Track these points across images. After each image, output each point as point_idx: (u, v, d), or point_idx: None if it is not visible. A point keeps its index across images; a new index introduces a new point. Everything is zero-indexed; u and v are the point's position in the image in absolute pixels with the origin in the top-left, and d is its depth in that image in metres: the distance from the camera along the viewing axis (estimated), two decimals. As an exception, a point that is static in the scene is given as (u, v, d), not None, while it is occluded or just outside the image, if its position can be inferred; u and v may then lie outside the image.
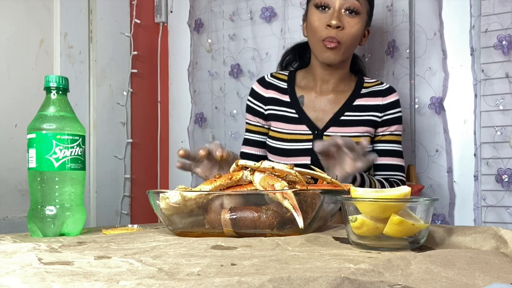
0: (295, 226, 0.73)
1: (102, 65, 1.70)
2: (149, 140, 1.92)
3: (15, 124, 1.41)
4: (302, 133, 1.30)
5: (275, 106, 1.35)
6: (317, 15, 1.23)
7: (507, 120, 1.41)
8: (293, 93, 1.35)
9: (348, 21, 1.22)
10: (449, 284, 0.49)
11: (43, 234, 0.86)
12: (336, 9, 1.21)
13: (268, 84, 1.37)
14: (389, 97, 1.31)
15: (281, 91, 1.36)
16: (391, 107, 1.31)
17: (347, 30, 1.22)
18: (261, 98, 1.37)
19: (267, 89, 1.37)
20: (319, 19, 1.23)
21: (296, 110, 1.32)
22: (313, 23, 1.24)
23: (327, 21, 1.21)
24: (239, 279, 0.45)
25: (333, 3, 1.22)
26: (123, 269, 0.53)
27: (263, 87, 1.37)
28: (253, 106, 1.38)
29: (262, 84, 1.38)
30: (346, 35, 1.22)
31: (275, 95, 1.36)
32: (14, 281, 0.48)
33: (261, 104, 1.37)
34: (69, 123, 0.89)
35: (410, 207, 0.66)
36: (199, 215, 0.81)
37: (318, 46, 1.25)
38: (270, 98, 1.36)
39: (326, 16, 1.22)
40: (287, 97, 1.34)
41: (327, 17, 1.22)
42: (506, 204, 1.40)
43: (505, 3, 1.40)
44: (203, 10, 1.89)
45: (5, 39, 1.40)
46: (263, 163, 0.81)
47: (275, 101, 1.35)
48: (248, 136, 1.40)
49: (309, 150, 1.28)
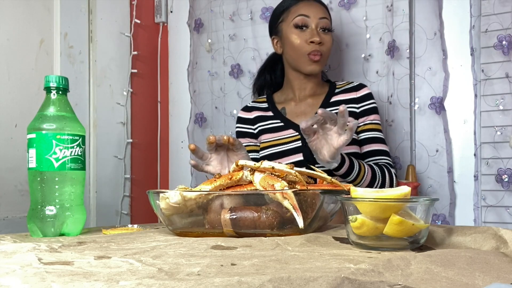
0: (295, 226, 0.73)
1: (102, 65, 1.70)
2: (149, 140, 1.92)
3: (15, 124, 1.41)
4: (289, 136, 1.40)
5: (262, 122, 1.46)
6: (297, 33, 1.37)
7: (507, 120, 1.41)
8: (274, 108, 1.47)
9: (323, 37, 1.36)
10: (449, 284, 0.49)
11: (43, 234, 0.86)
12: (313, 28, 1.36)
13: (250, 108, 1.51)
14: (361, 91, 1.41)
15: (263, 110, 1.48)
16: (365, 99, 1.40)
17: (326, 44, 1.37)
18: (248, 121, 1.49)
19: (251, 111, 1.50)
20: (300, 37, 1.36)
21: (280, 119, 1.44)
22: (294, 40, 1.37)
23: (309, 38, 1.35)
24: (239, 279, 0.45)
25: (311, 23, 1.36)
26: (123, 269, 0.53)
27: (247, 112, 1.51)
28: (243, 130, 1.50)
29: (246, 110, 1.52)
30: (326, 48, 1.37)
31: (259, 114, 1.48)
32: (14, 281, 0.48)
33: (249, 126, 1.49)
34: (69, 123, 0.89)
35: (410, 207, 0.66)
36: (199, 215, 0.81)
37: (303, 60, 1.37)
38: (256, 117, 1.48)
39: (306, 34, 1.36)
40: (270, 112, 1.47)
41: (307, 34, 1.35)
42: (506, 204, 1.40)
43: (505, 3, 1.40)
44: (203, 10, 1.89)
45: (5, 39, 1.40)
46: (263, 163, 0.81)
47: (261, 118, 1.47)
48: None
49: (299, 148, 1.36)
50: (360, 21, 1.62)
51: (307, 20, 1.36)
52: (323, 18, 1.37)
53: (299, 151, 1.36)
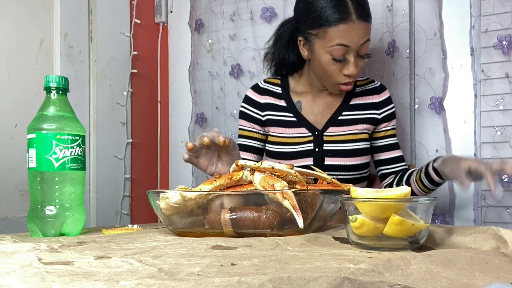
0: (295, 226, 0.73)
1: (102, 65, 1.70)
2: (149, 140, 1.92)
3: (15, 124, 1.41)
4: (302, 135, 1.32)
5: (272, 112, 1.36)
6: (332, 63, 1.20)
7: (507, 120, 1.41)
8: (288, 97, 1.36)
9: (360, 64, 1.22)
10: (449, 284, 0.49)
11: (43, 234, 0.86)
12: (352, 57, 1.19)
13: (262, 90, 1.38)
14: (382, 94, 1.36)
15: (276, 96, 1.37)
16: (386, 103, 1.36)
17: (359, 69, 1.22)
18: (257, 105, 1.38)
19: (262, 95, 1.38)
20: (335, 66, 1.20)
21: (293, 114, 1.34)
22: (327, 67, 1.21)
23: (345, 71, 1.20)
24: (239, 279, 0.45)
25: (350, 52, 1.18)
26: (123, 269, 0.53)
27: (258, 93, 1.38)
28: (248, 112, 1.38)
29: (257, 90, 1.39)
30: (358, 72, 1.23)
31: (271, 101, 1.37)
32: (14, 281, 0.48)
33: (257, 110, 1.38)
34: (69, 123, 0.89)
35: (410, 207, 0.66)
36: (199, 215, 0.81)
37: (331, 85, 1.26)
38: (266, 104, 1.37)
39: (342, 65, 1.20)
40: (283, 102, 1.36)
41: (344, 65, 1.20)
42: (506, 204, 1.40)
43: (505, 3, 1.40)
44: (204, 10, 1.89)
45: (5, 39, 1.40)
46: (263, 163, 0.81)
47: (271, 107, 1.36)
48: (241, 141, 1.40)
49: (311, 151, 1.31)
50: (360, 21, 1.62)
51: (346, 50, 1.18)
52: (365, 43, 1.18)
53: (311, 155, 1.30)
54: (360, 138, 1.32)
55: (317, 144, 1.31)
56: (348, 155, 1.30)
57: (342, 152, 1.30)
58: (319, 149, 1.31)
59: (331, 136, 1.31)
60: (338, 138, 1.31)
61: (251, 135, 1.39)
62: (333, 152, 1.30)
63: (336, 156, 1.30)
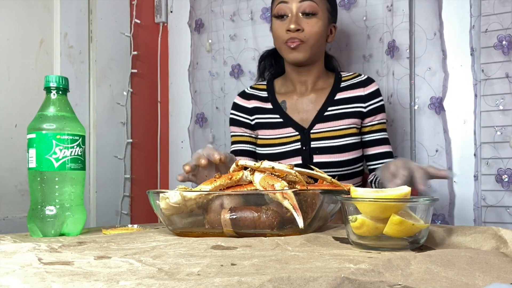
0: (295, 226, 0.73)
1: (102, 65, 1.70)
2: (149, 140, 1.92)
3: (15, 124, 1.41)
4: (289, 135, 1.34)
5: (260, 115, 1.39)
6: (277, 23, 1.30)
7: (507, 120, 1.41)
8: (274, 99, 1.39)
9: (307, 22, 1.27)
10: (449, 284, 0.49)
11: (43, 234, 0.86)
12: (294, 14, 1.27)
13: (249, 96, 1.43)
14: (369, 87, 1.35)
15: (262, 100, 1.41)
16: (373, 96, 1.34)
17: (307, 30, 1.27)
18: (245, 110, 1.42)
19: (249, 100, 1.42)
20: (280, 26, 1.29)
21: (280, 115, 1.36)
22: (275, 30, 1.31)
23: (286, 26, 1.27)
24: (239, 279, 0.45)
25: (290, 10, 1.28)
26: (123, 269, 0.53)
27: (245, 99, 1.43)
28: (238, 118, 1.43)
29: (244, 96, 1.44)
30: (308, 34, 1.27)
31: (257, 104, 1.41)
32: (14, 281, 0.48)
33: (246, 115, 1.42)
34: (69, 123, 0.89)
35: (410, 207, 0.66)
36: (199, 215, 0.81)
37: (283, 49, 1.30)
38: (254, 108, 1.41)
39: (285, 23, 1.28)
40: (269, 104, 1.39)
41: (286, 23, 1.28)
42: (506, 204, 1.40)
43: (505, 3, 1.40)
44: (204, 10, 1.89)
45: (5, 39, 1.40)
46: (263, 163, 0.81)
47: (258, 110, 1.40)
48: (236, 147, 1.41)
49: (299, 150, 1.31)
50: (360, 21, 1.62)
51: (285, 7, 1.28)
52: (304, 0, 1.27)
53: (299, 154, 1.31)
54: (348, 133, 1.31)
55: (304, 142, 1.31)
56: (336, 151, 1.30)
57: (330, 148, 1.30)
58: (307, 147, 1.31)
59: (318, 133, 1.31)
60: (325, 135, 1.31)
61: (244, 139, 1.41)
62: (320, 150, 1.30)
63: (324, 153, 1.30)
